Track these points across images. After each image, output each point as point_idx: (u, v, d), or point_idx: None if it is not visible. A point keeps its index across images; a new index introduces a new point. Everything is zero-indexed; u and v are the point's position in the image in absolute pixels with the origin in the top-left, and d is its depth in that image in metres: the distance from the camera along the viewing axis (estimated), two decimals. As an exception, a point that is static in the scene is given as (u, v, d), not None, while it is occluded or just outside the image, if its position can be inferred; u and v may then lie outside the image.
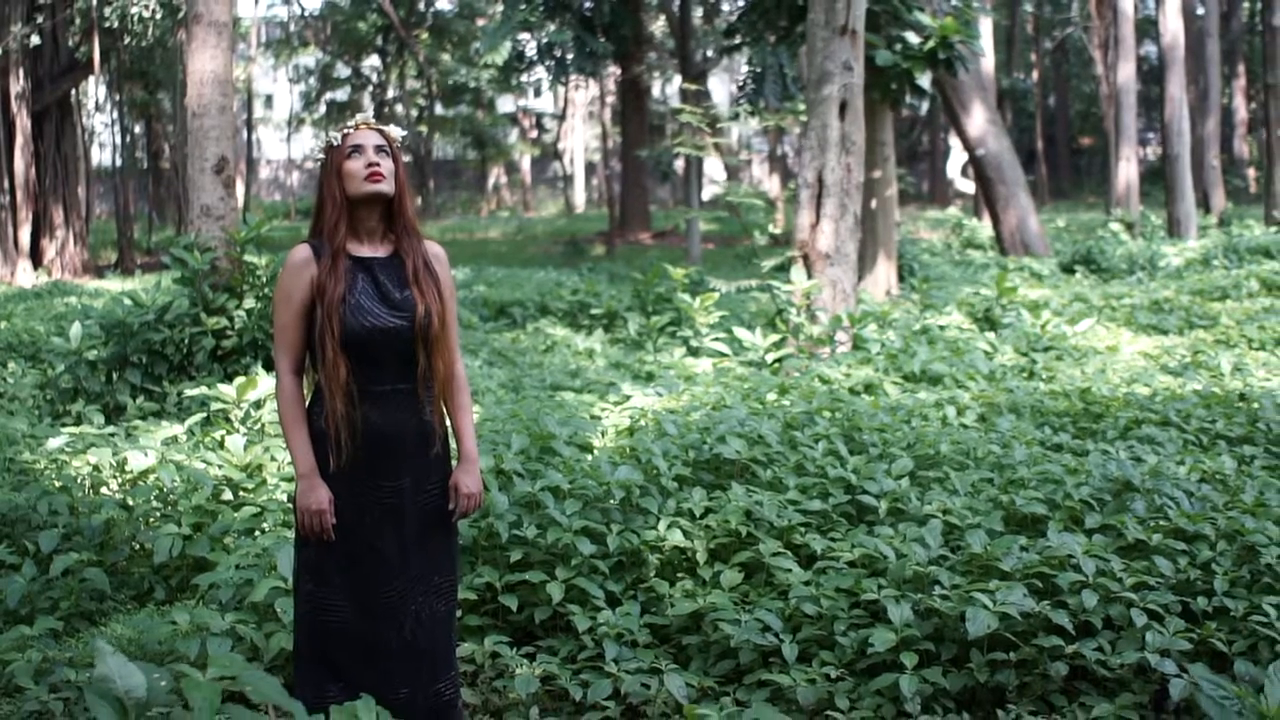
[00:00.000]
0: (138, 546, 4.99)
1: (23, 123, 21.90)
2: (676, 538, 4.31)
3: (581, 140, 45.98)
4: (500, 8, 23.22)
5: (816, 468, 4.84)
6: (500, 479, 4.61)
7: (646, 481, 4.61)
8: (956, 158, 33.67)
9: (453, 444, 3.38)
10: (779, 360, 7.44)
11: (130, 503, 5.07)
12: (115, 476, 5.47)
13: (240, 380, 6.02)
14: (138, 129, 30.17)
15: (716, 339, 8.37)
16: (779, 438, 5.09)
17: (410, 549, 3.27)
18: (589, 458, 4.90)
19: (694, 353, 8.71)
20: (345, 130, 3.18)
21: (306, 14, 39.37)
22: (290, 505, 4.97)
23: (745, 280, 10.36)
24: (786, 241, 13.05)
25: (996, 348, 8.24)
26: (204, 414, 6.18)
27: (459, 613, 3.99)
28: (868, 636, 3.74)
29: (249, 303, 7.96)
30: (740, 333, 7.94)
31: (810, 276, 8.43)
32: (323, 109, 42.28)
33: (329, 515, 3.18)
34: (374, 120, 3.19)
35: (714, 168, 36.76)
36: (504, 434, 5.03)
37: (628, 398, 6.21)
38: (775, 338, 7.84)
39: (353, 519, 3.22)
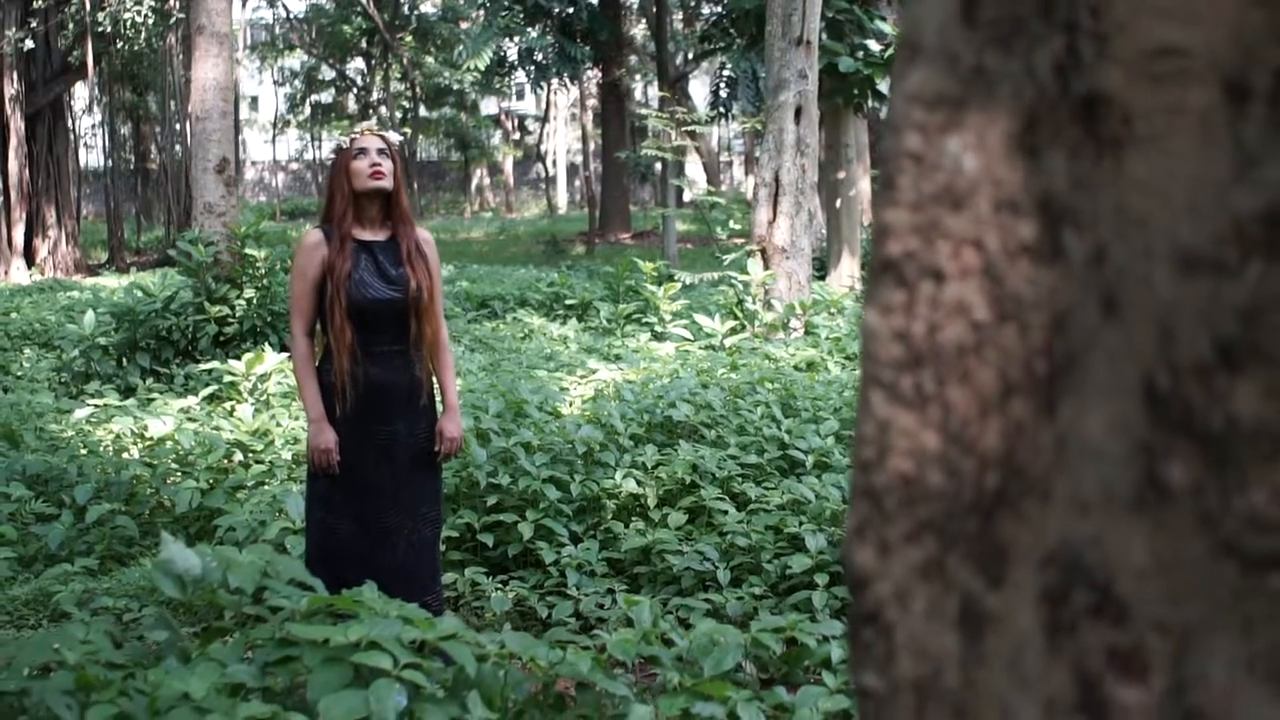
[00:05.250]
0: (159, 502, 5.65)
1: (16, 125, 22.50)
2: (631, 486, 5.02)
3: (564, 142, 46.70)
4: (481, 14, 23.88)
5: (755, 429, 5.56)
6: (479, 437, 5.31)
7: (606, 439, 5.32)
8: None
9: (438, 397, 4.08)
10: (737, 345, 8.15)
11: (152, 463, 5.75)
12: (136, 443, 6.14)
13: (248, 356, 6.73)
14: (124, 131, 30.70)
15: (680, 325, 9.12)
16: (724, 404, 5.81)
17: (402, 483, 3.95)
18: (557, 421, 5.60)
19: (659, 338, 9.46)
20: (353, 135, 3.88)
21: (292, 17, 39.99)
22: (294, 463, 5.67)
23: (708, 273, 11.10)
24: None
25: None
26: (214, 388, 6.87)
27: (443, 547, 4.68)
28: (789, 563, 4.44)
29: (248, 293, 8.64)
30: (701, 319, 8.69)
31: (767, 268, 9.17)
32: (308, 111, 42.89)
33: (335, 453, 3.86)
34: (376, 127, 3.89)
35: (696, 170, 37.47)
36: (483, 401, 5.73)
37: (594, 371, 6.93)
38: (732, 324, 8.59)
39: (355, 457, 3.89)
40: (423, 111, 41.68)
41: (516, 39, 24.05)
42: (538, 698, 2.99)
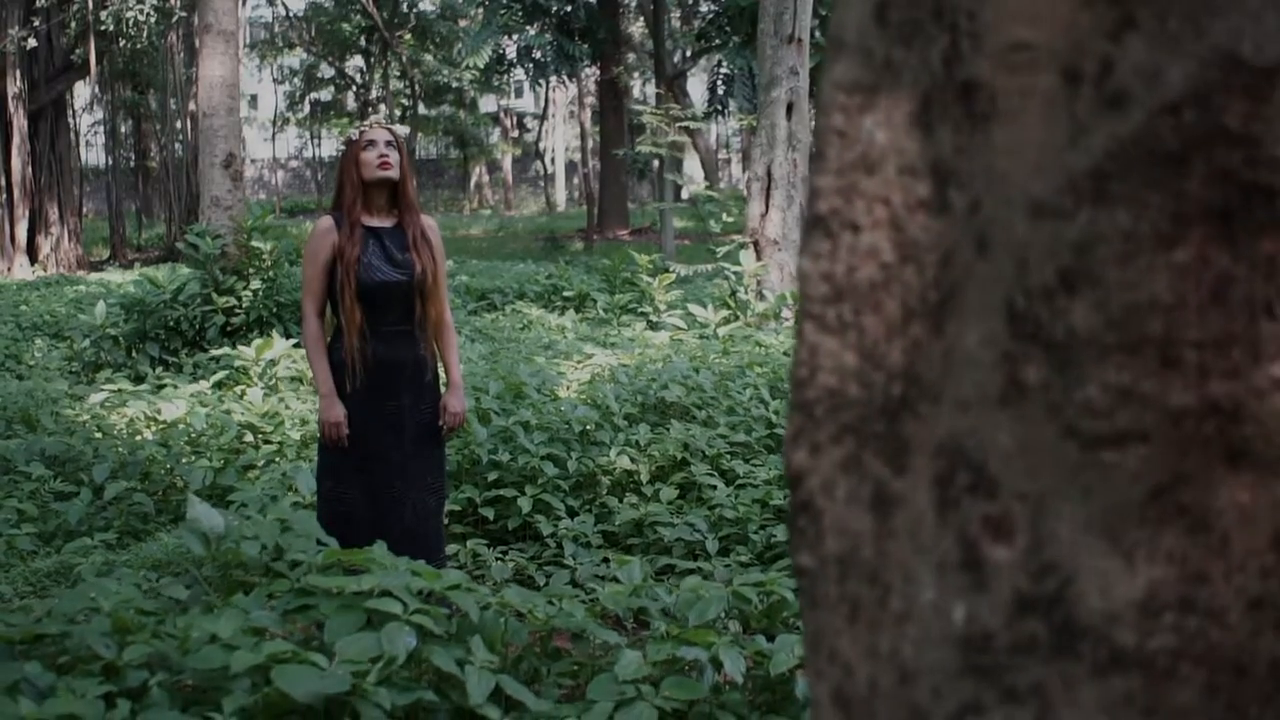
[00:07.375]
0: (173, 481, 5.89)
1: (19, 123, 22.69)
2: (625, 463, 5.27)
3: (562, 139, 46.86)
4: (480, 12, 24.08)
5: (744, 409, 5.80)
6: (480, 417, 5.55)
7: (601, 419, 5.57)
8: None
9: (442, 374, 4.31)
10: (730, 334, 8.39)
11: (166, 444, 5.98)
12: (150, 425, 6.38)
13: (258, 342, 6.99)
14: (124, 128, 30.82)
15: (674, 315, 9.36)
16: (714, 387, 6.05)
17: (408, 455, 4.18)
18: (554, 402, 5.85)
19: (654, 327, 9.70)
20: (362, 128, 4.12)
21: (291, 15, 40.15)
22: (303, 443, 5.90)
23: (703, 265, 11.34)
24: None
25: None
26: (224, 374, 7.12)
27: (446, 520, 4.92)
28: (774, 533, 4.68)
29: (255, 284, 8.88)
30: (694, 309, 8.93)
31: (760, 260, 9.42)
32: (307, 109, 43.05)
33: (344, 426, 4.09)
34: (384, 121, 4.13)
35: (694, 167, 37.60)
36: (484, 383, 5.97)
37: (590, 357, 7.18)
38: (725, 313, 8.83)
39: (363, 430, 4.12)
40: (422, 109, 41.77)
41: (515, 37, 24.25)
42: (534, 647, 3.23)
